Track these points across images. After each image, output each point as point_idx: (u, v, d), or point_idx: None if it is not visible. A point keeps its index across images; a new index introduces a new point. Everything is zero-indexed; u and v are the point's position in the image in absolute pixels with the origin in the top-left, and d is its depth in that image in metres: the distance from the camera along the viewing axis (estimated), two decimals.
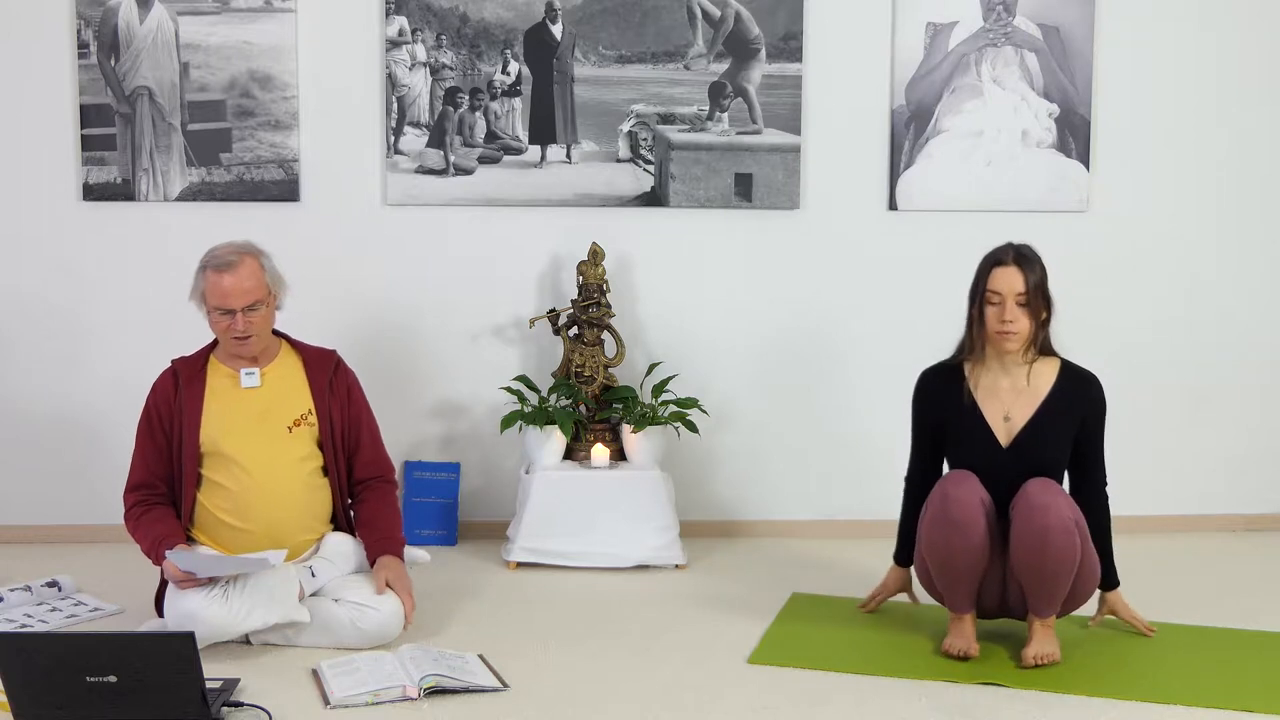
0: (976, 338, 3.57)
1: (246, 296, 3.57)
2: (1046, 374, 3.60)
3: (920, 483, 3.73)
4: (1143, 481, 4.87)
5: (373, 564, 3.68)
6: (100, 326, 4.70)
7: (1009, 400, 3.58)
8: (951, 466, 3.65)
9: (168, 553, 3.44)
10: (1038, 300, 3.50)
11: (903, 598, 3.90)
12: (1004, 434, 3.57)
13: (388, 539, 3.72)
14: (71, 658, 2.90)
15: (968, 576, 3.48)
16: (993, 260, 3.54)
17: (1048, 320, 3.55)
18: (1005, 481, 3.51)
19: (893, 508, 3.85)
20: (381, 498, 3.80)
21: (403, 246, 4.76)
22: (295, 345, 3.80)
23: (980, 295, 3.54)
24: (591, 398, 4.58)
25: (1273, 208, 4.97)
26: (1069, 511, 3.41)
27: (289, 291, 3.73)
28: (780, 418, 4.89)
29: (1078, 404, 3.57)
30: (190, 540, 3.61)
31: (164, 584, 3.59)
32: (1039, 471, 3.51)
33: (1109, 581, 3.69)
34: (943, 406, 3.64)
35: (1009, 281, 3.48)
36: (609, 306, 4.61)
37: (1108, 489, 3.68)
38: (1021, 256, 3.52)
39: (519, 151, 4.76)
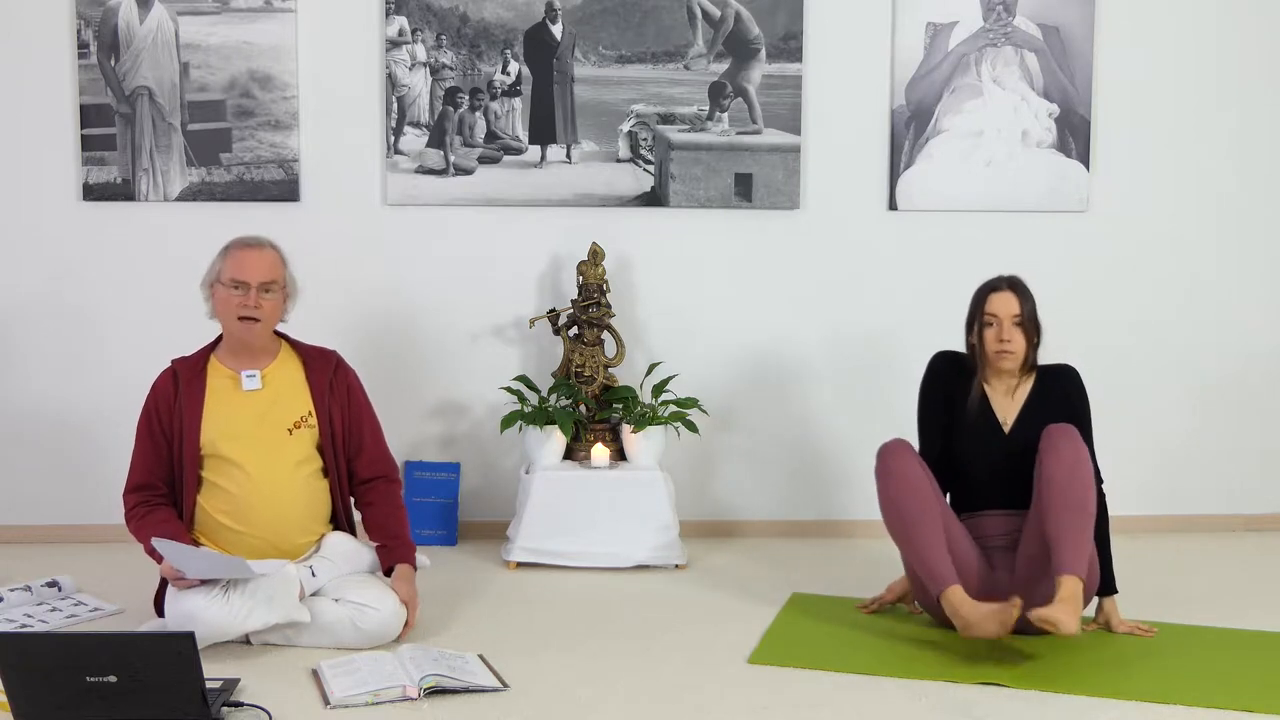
0: (977, 361, 3.75)
1: (265, 273, 3.60)
2: (1028, 379, 3.79)
3: None
4: (1143, 481, 4.87)
5: (387, 572, 3.69)
6: (100, 326, 4.70)
7: (1003, 404, 3.75)
8: (956, 456, 3.74)
9: (153, 539, 3.43)
10: (1031, 325, 3.71)
11: (902, 606, 3.90)
12: (1005, 426, 3.73)
13: (403, 546, 3.73)
14: (71, 658, 2.90)
15: (924, 527, 3.53)
16: (988, 288, 3.76)
17: (1038, 344, 3.75)
18: (1006, 468, 3.66)
19: None
20: (388, 499, 3.80)
21: (403, 246, 4.76)
22: (295, 346, 3.79)
23: (978, 320, 3.72)
24: (591, 398, 4.58)
25: (1273, 207, 4.98)
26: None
27: (298, 299, 3.74)
28: (780, 417, 4.89)
29: (1058, 387, 3.76)
30: (195, 543, 3.60)
31: (164, 585, 3.59)
32: (1034, 451, 3.62)
33: (1107, 586, 3.70)
34: (952, 386, 3.78)
35: (1005, 305, 3.69)
36: (609, 306, 4.61)
37: (1103, 486, 3.70)
38: (1015, 283, 3.74)
39: (519, 151, 4.77)
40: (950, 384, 3.78)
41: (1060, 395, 3.73)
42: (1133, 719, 3.14)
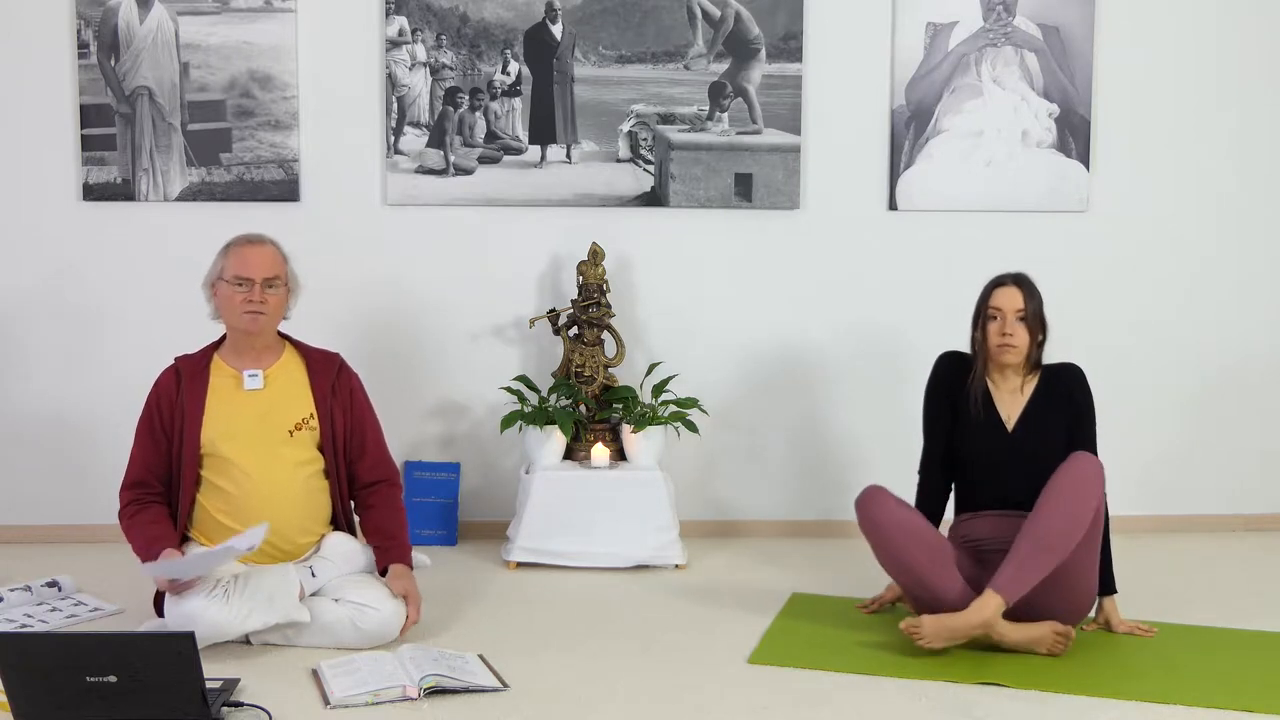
0: (980, 356, 3.76)
1: (268, 269, 3.62)
2: (1033, 378, 3.79)
3: (931, 475, 3.84)
4: (1143, 481, 4.87)
5: (383, 572, 3.70)
6: (100, 327, 4.70)
7: (1007, 401, 3.76)
8: (960, 454, 3.76)
9: (143, 565, 3.43)
10: (1035, 322, 3.71)
11: (902, 605, 3.90)
12: (1008, 424, 3.74)
13: (399, 547, 3.73)
14: (71, 658, 2.90)
15: (934, 568, 3.53)
16: (994, 282, 3.78)
17: (1043, 343, 3.76)
18: (1009, 467, 3.67)
19: None
20: (389, 502, 3.80)
21: (403, 246, 4.76)
22: (298, 347, 3.80)
23: (982, 314, 3.74)
24: (591, 398, 4.58)
25: (1273, 207, 4.98)
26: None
27: (300, 295, 3.75)
28: (780, 417, 4.89)
29: (1063, 385, 3.76)
30: (186, 540, 3.61)
31: None
32: (1041, 459, 3.62)
33: (1107, 586, 3.70)
34: (957, 386, 3.79)
35: (1009, 299, 3.71)
36: (609, 306, 4.61)
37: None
38: (1022, 280, 3.75)
39: (519, 151, 4.77)
40: (955, 384, 3.79)
41: (1064, 395, 3.73)
42: (1133, 719, 3.14)
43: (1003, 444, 3.71)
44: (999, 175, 4.85)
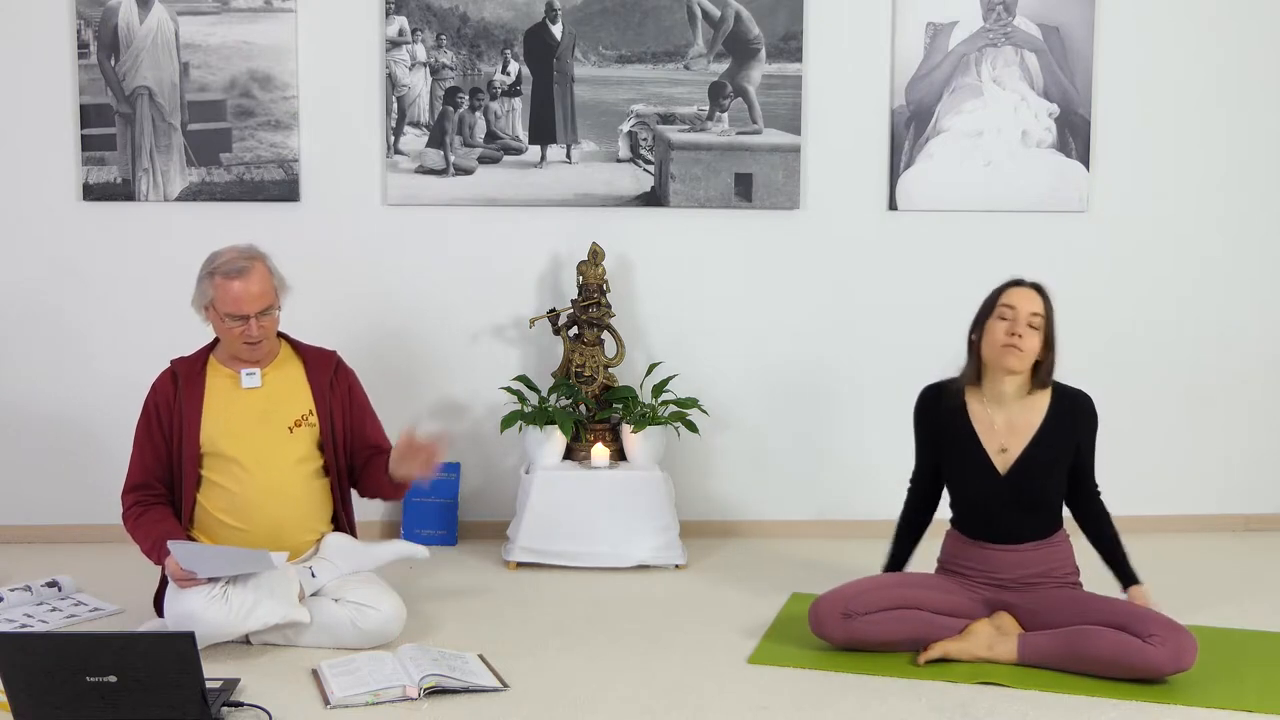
0: (973, 363, 3.58)
1: (260, 301, 3.57)
2: (1040, 405, 3.57)
3: (921, 487, 3.78)
4: (1143, 481, 4.87)
5: (386, 468, 3.70)
6: (100, 326, 4.70)
7: (1004, 433, 3.57)
8: (950, 490, 3.68)
9: (170, 544, 3.43)
10: (1047, 330, 3.51)
11: None
12: (1001, 464, 3.56)
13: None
14: (71, 658, 2.90)
15: (919, 629, 3.48)
16: (1010, 282, 3.56)
17: (1050, 364, 3.54)
18: (1002, 509, 3.56)
19: (892, 507, 3.85)
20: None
21: (403, 246, 4.76)
22: (295, 346, 3.80)
23: (990, 312, 3.53)
24: (591, 398, 4.58)
25: (1273, 207, 4.97)
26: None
27: (289, 292, 3.74)
28: (780, 418, 4.89)
29: (1071, 429, 3.57)
30: (190, 540, 3.60)
31: (163, 584, 3.60)
32: (1035, 500, 3.54)
33: (1130, 579, 3.62)
34: (940, 427, 3.64)
35: (1026, 300, 3.50)
36: (609, 306, 4.61)
37: (1099, 492, 3.67)
38: (1040, 287, 3.55)
39: (519, 151, 4.77)
40: (936, 420, 3.64)
41: (1070, 437, 3.54)
42: (1133, 719, 3.14)
43: (994, 488, 3.54)
44: (999, 175, 4.85)
